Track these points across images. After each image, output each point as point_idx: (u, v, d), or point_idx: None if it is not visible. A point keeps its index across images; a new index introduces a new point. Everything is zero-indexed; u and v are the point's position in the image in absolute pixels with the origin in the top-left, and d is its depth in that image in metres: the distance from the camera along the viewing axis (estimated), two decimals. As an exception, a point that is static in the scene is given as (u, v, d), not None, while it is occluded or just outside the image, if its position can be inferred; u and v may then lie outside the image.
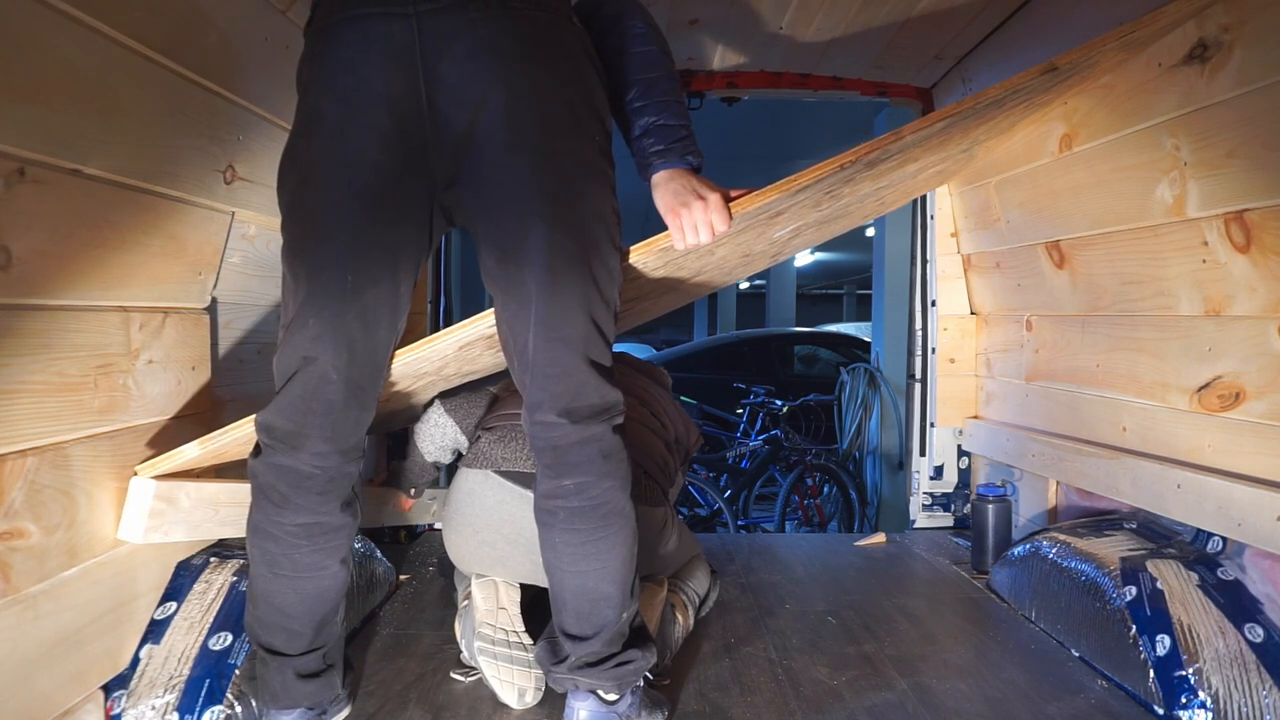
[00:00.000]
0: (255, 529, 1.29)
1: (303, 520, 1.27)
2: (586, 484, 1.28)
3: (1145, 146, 1.71)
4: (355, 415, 1.29)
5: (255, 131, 1.63)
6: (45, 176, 1.14)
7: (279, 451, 1.25)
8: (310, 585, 1.30)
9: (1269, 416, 1.54)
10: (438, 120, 1.21)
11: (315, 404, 1.24)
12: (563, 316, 1.24)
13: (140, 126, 1.31)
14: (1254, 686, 1.40)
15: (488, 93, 1.19)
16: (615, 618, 1.33)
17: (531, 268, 1.22)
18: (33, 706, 1.19)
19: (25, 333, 1.16)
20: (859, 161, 1.38)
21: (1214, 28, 1.48)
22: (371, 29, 1.19)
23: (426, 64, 1.18)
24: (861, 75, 2.68)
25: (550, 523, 1.31)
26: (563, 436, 1.27)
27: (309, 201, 1.23)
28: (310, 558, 1.29)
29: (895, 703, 1.55)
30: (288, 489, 1.26)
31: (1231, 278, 1.58)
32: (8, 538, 1.14)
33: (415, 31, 1.18)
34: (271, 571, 1.29)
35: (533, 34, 1.23)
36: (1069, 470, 2.15)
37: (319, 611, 1.32)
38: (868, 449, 5.06)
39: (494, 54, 1.20)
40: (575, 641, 1.34)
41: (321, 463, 1.26)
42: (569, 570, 1.31)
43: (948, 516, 2.89)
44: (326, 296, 1.21)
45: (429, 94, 1.19)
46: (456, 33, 1.19)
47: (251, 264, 1.80)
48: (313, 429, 1.25)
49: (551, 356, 1.24)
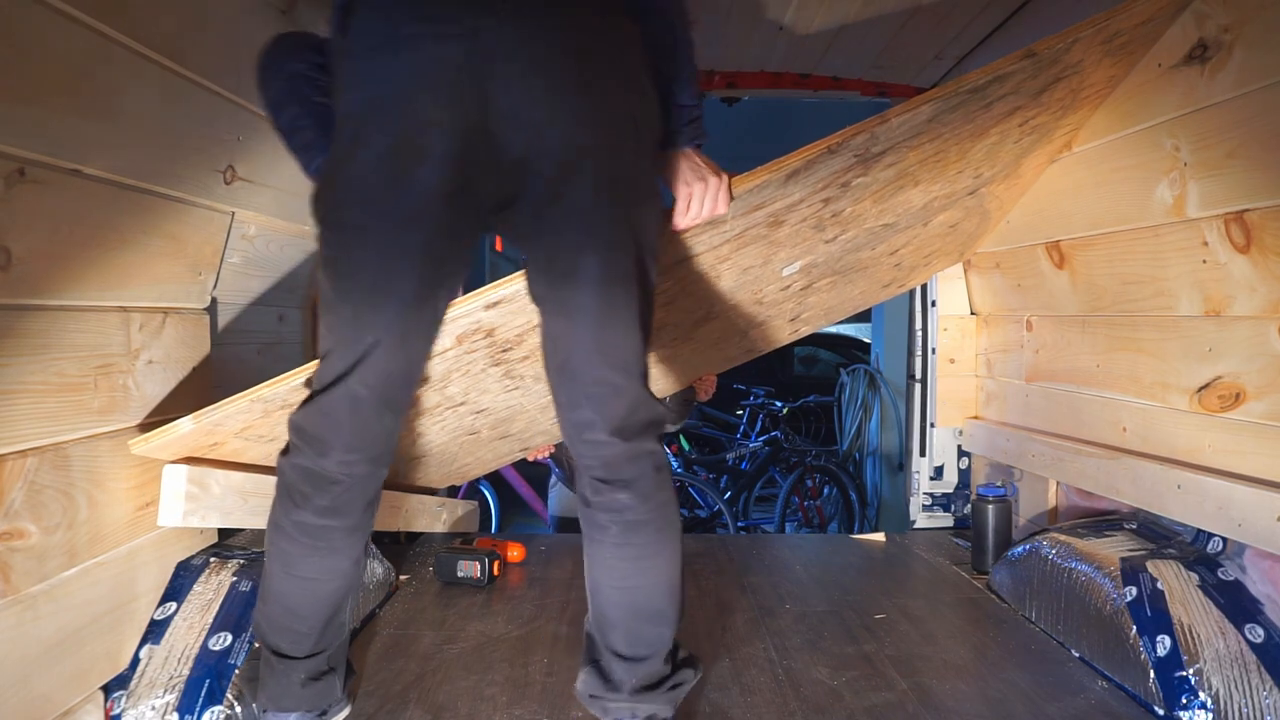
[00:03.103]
0: (275, 526, 1.28)
1: (322, 522, 1.26)
2: (643, 497, 1.26)
3: (1145, 147, 1.71)
4: (387, 425, 1.27)
5: (255, 131, 1.63)
6: (45, 176, 1.14)
7: (306, 454, 1.24)
8: (323, 587, 1.29)
9: (1269, 417, 1.54)
10: (492, 144, 1.15)
11: (346, 417, 1.22)
12: (616, 339, 1.22)
13: (140, 126, 1.32)
14: (1254, 687, 1.40)
15: (546, 115, 1.15)
16: (670, 634, 1.31)
17: (586, 291, 1.20)
18: (33, 706, 1.19)
19: (25, 333, 1.16)
20: (845, 144, 1.38)
21: (1214, 28, 1.48)
22: (421, 51, 1.12)
23: (481, 88, 1.12)
24: (861, 75, 2.68)
25: (601, 538, 1.28)
26: (614, 454, 1.25)
27: (349, 221, 1.18)
28: (325, 559, 1.28)
29: (895, 703, 1.55)
30: (311, 489, 1.25)
31: (1231, 278, 1.58)
32: (8, 538, 1.14)
33: (468, 54, 1.11)
34: (285, 570, 1.28)
35: (591, 46, 1.18)
36: (1069, 470, 2.15)
37: (327, 613, 1.31)
38: (868, 450, 5.06)
39: (551, 74, 1.14)
40: (629, 663, 1.29)
41: (348, 470, 1.24)
42: (621, 587, 1.29)
43: (948, 517, 2.89)
44: (366, 316, 1.19)
45: (484, 118, 1.13)
46: (511, 52, 1.12)
47: (251, 264, 1.80)
48: (342, 438, 1.23)
49: (602, 376, 1.22)
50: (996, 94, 1.49)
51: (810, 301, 2.21)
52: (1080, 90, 1.67)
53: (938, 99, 1.40)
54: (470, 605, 2.03)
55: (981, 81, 1.42)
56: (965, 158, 1.73)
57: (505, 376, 1.72)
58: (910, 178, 1.68)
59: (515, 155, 1.16)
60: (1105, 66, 1.62)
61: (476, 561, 2.15)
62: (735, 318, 2.01)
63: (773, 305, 2.07)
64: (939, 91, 1.40)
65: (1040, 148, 1.90)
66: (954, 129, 1.55)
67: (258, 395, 1.35)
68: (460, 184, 1.16)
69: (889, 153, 1.52)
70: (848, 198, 1.62)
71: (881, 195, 1.69)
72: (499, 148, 1.15)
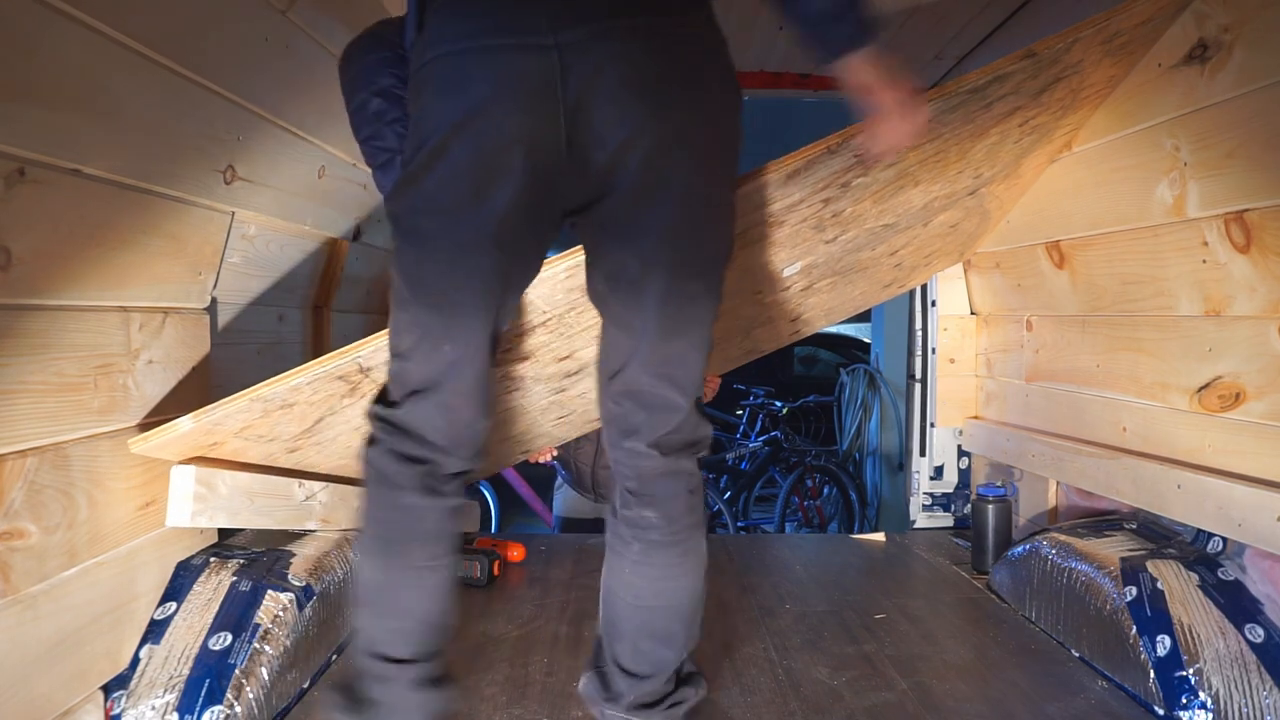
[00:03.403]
0: (372, 521, 1.22)
1: (425, 501, 1.20)
2: (668, 519, 1.24)
3: (1145, 147, 1.71)
4: (481, 427, 1.24)
5: (255, 131, 1.63)
6: (45, 176, 1.14)
7: (402, 441, 1.20)
8: (432, 578, 1.23)
9: (1269, 417, 1.54)
10: (576, 159, 1.11)
11: (443, 423, 1.20)
12: (676, 357, 1.20)
13: (140, 126, 1.31)
14: (1254, 687, 1.40)
15: (635, 134, 1.10)
16: (676, 658, 1.29)
17: (652, 307, 1.17)
18: (33, 706, 1.19)
19: (25, 333, 1.16)
20: (845, 144, 1.37)
21: (1214, 28, 1.48)
22: (505, 65, 1.07)
23: (568, 104, 1.07)
24: (861, 75, 2.68)
25: (622, 551, 1.27)
26: (651, 467, 1.23)
27: (428, 230, 1.15)
28: (428, 545, 1.22)
29: (895, 703, 1.55)
30: (410, 469, 1.19)
31: (1231, 278, 1.58)
32: (8, 538, 1.14)
33: (556, 69, 1.06)
34: (388, 563, 1.22)
35: (683, 58, 1.13)
36: (1069, 470, 2.15)
37: (436, 607, 1.25)
38: (867, 450, 5.06)
39: (642, 91, 1.09)
40: (631, 679, 1.28)
41: (446, 459, 1.21)
42: (635, 604, 1.27)
43: (948, 516, 2.89)
44: (444, 325, 1.16)
45: (570, 134, 1.09)
46: (601, 66, 1.07)
47: (251, 264, 1.80)
48: (438, 439, 1.20)
49: (657, 391, 1.21)
50: (996, 94, 1.49)
51: (811, 302, 2.21)
52: (1080, 90, 1.67)
53: (937, 99, 1.40)
54: (470, 605, 2.02)
55: (981, 82, 1.42)
56: (965, 157, 1.73)
57: (504, 379, 1.72)
58: (910, 178, 1.68)
59: (597, 170, 1.12)
60: (1105, 66, 1.62)
61: (476, 561, 2.15)
62: (735, 319, 2.01)
63: (773, 306, 2.07)
64: (938, 91, 1.40)
65: (1040, 148, 1.90)
66: (954, 129, 1.55)
67: (257, 394, 1.35)
68: (539, 198, 1.14)
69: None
70: (848, 198, 1.62)
71: (881, 195, 1.69)
72: (581, 162, 1.11)
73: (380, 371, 1.43)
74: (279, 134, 1.70)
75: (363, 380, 1.43)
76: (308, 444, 1.61)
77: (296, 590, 1.60)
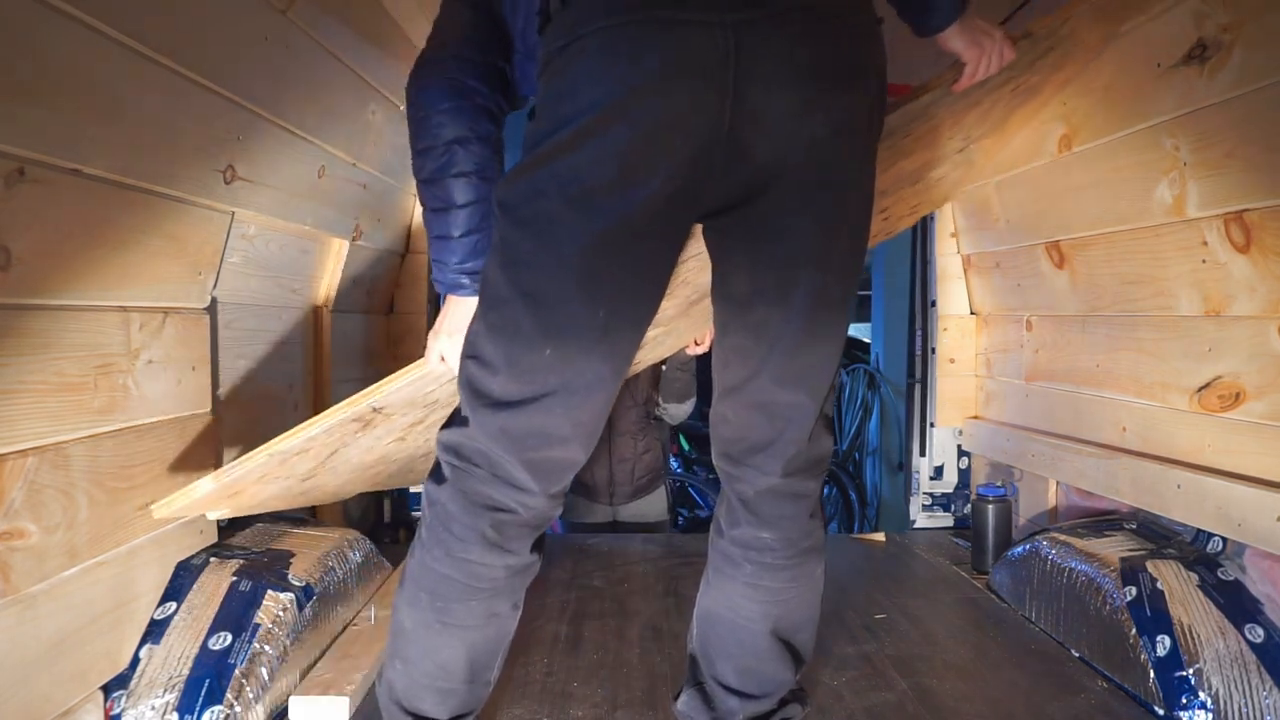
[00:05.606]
0: (423, 569, 1.12)
1: (487, 559, 1.10)
2: (786, 542, 1.19)
3: (1145, 147, 1.71)
4: (573, 461, 1.12)
5: (255, 131, 1.63)
6: (45, 176, 1.14)
7: (475, 476, 1.08)
8: (478, 634, 1.14)
9: (1269, 416, 1.54)
10: (734, 148, 1.01)
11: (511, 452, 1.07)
12: (811, 367, 1.13)
13: (140, 126, 1.31)
14: (1254, 687, 1.40)
15: (800, 126, 1.02)
16: (790, 679, 1.25)
17: (792, 311, 1.09)
18: (33, 706, 1.19)
19: (25, 333, 1.16)
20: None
21: (1213, 27, 1.48)
22: (679, 40, 0.97)
23: (737, 88, 0.98)
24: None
25: (731, 573, 1.21)
26: (772, 485, 1.17)
27: (554, 214, 1.02)
28: (486, 602, 1.13)
29: (895, 703, 1.55)
30: (475, 519, 1.09)
31: (1231, 278, 1.58)
32: (8, 538, 1.14)
33: (730, 48, 0.97)
34: (435, 619, 1.12)
35: (853, 45, 1.06)
36: (1069, 470, 2.15)
37: (481, 665, 1.17)
38: (867, 450, 5.06)
39: (811, 80, 1.01)
40: (741, 698, 1.24)
41: (525, 500, 1.09)
42: (741, 623, 1.22)
43: (948, 516, 2.89)
44: (573, 335, 1.04)
45: (732, 121, 1.00)
46: (771, 51, 0.99)
47: (251, 264, 1.80)
48: (509, 471, 1.08)
49: (794, 400, 1.14)
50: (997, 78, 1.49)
51: None
52: (1072, 51, 1.66)
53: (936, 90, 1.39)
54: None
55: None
56: (958, 125, 1.73)
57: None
58: (903, 153, 1.67)
59: (755, 162, 1.03)
60: (1098, 27, 1.61)
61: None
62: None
63: None
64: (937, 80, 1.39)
65: (1029, 103, 1.89)
66: (949, 108, 1.54)
67: (274, 450, 1.32)
68: (688, 188, 1.03)
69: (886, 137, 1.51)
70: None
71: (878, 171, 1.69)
72: (738, 152, 1.02)
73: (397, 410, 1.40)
74: (279, 134, 1.70)
75: (375, 417, 1.40)
76: (322, 471, 1.60)
77: (296, 590, 1.60)
